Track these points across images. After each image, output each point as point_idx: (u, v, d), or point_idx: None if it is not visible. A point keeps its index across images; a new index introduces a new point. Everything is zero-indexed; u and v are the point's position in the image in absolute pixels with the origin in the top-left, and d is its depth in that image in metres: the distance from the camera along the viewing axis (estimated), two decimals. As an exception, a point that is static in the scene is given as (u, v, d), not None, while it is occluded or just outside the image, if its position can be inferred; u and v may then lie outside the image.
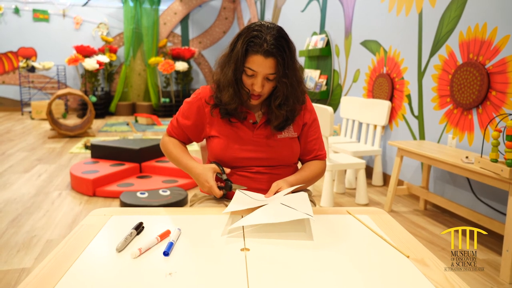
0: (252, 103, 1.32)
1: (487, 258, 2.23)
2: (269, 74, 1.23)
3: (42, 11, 8.51)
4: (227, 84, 1.28)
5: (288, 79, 1.25)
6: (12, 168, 3.98)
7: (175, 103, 8.57)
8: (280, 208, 1.08)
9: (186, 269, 0.84)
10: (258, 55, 1.20)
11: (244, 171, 1.33)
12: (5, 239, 2.38)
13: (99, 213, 1.15)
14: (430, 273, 0.85)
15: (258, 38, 1.20)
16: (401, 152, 2.87)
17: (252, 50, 1.21)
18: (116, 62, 8.88)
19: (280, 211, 1.06)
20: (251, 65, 1.22)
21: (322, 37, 4.79)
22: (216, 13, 9.36)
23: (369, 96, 3.93)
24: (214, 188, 1.21)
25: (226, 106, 1.31)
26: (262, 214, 1.06)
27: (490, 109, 2.51)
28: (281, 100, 1.29)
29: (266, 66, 1.21)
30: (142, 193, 2.91)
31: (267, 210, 1.09)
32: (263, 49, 1.19)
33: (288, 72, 1.24)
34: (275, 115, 1.31)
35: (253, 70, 1.23)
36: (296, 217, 1.00)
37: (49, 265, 0.85)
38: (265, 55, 1.20)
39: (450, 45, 2.83)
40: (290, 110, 1.32)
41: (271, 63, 1.21)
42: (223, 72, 1.30)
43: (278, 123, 1.32)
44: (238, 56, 1.23)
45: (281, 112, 1.30)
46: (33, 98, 8.49)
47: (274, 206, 1.11)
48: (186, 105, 1.40)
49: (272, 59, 1.21)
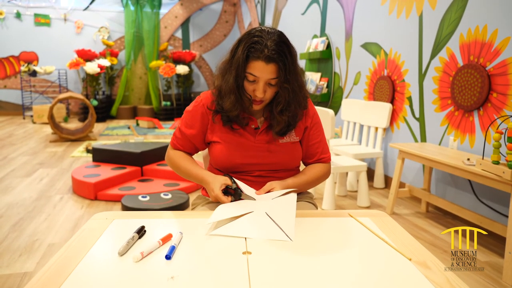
0: (254, 109, 1.32)
1: (489, 260, 2.22)
2: (271, 79, 1.23)
3: (43, 15, 8.54)
4: (228, 91, 1.27)
5: (289, 84, 1.25)
6: (14, 172, 3.99)
7: (176, 107, 8.59)
8: (264, 221, 1.09)
9: (188, 272, 0.84)
10: (259, 61, 1.20)
11: (245, 175, 1.33)
12: (7, 243, 2.38)
13: (101, 217, 1.15)
14: (432, 276, 0.84)
15: (259, 44, 1.20)
16: (402, 155, 2.87)
17: (253, 56, 1.20)
18: (117, 66, 8.90)
19: (262, 226, 1.07)
20: (252, 71, 1.22)
21: (322, 40, 4.80)
22: (217, 16, 9.38)
23: (370, 99, 3.93)
24: (220, 196, 1.19)
25: (228, 113, 1.30)
26: (244, 226, 1.07)
27: (491, 111, 2.51)
28: (283, 106, 1.28)
29: (267, 71, 1.21)
30: (143, 197, 2.91)
31: (250, 221, 1.09)
32: (264, 54, 1.19)
33: (289, 77, 1.23)
34: (276, 121, 1.31)
35: (255, 76, 1.22)
36: (276, 238, 1.01)
37: (51, 269, 0.85)
38: (266, 61, 1.19)
39: (451, 47, 2.84)
40: (292, 116, 1.31)
41: (272, 69, 1.21)
42: (224, 78, 1.29)
43: (280, 129, 1.32)
44: (239, 62, 1.22)
45: (283, 118, 1.30)
46: (34, 102, 8.51)
47: (257, 217, 1.10)
48: (188, 114, 1.38)
49: (273, 65, 1.20)
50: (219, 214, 1.10)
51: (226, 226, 1.06)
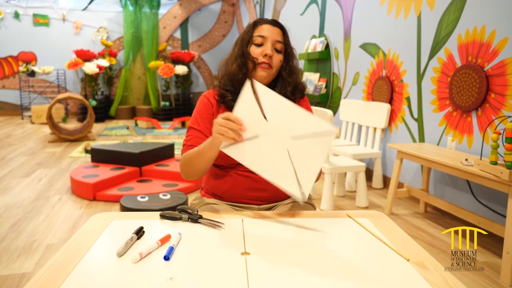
0: (259, 74, 1.32)
1: (487, 261, 2.23)
2: (277, 42, 1.33)
3: (42, 15, 8.53)
4: (234, 59, 1.35)
5: (291, 54, 1.37)
6: (12, 173, 3.98)
7: (175, 107, 8.59)
8: (281, 162, 0.96)
9: (187, 273, 0.85)
10: (266, 24, 1.34)
11: (245, 168, 1.33)
12: (6, 244, 2.38)
13: (100, 217, 1.15)
14: (430, 276, 0.85)
15: (262, 19, 1.37)
16: (400, 155, 2.88)
17: (260, 22, 1.35)
18: (116, 66, 8.90)
19: (278, 167, 0.96)
20: (260, 32, 1.33)
21: (321, 40, 4.81)
22: (216, 16, 9.38)
23: (368, 99, 3.94)
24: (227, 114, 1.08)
25: (233, 78, 1.33)
26: (258, 157, 0.98)
27: (489, 112, 2.52)
28: (290, 68, 1.36)
29: (274, 32, 1.33)
30: (142, 197, 2.91)
31: (266, 154, 0.97)
32: (269, 20, 1.36)
33: (290, 51, 1.36)
34: (287, 83, 1.37)
35: (263, 37, 1.32)
36: (287, 190, 0.94)
37: (50, 270, 0.85)
38: (273, 24, 1.34)
39: (449, 48, 2.84)
40: (297, 82, 1.38)
41: (278, 31, 1.34)
42: (228, 62, 1.38)
43: (291, 89, 1.38)
44: (246, 31, 1.36)
45: (293, 78, 1.36)
46: (33, 103, 8.50)
47: (276, 153, 0.98)
48: (194, 111, 1.40)
49: (278, 29, 1.34)
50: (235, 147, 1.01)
51: (238, 147, 0.96)
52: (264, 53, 1.30)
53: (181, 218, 1.13)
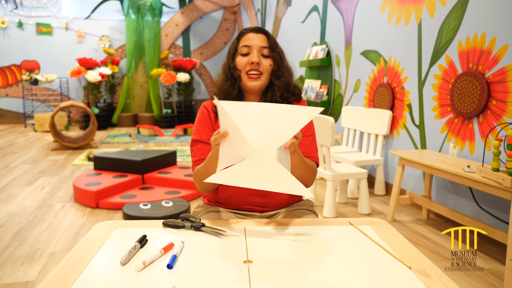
0: (250, 85, 1.34)
1: (490, 268, 2.22)
2: (263, 48, 1.35)
3: (45, 24, 8.60)
4: (222, 71, 1.40)
5: (279, 54, 1.37)
6: (15, 181, 4.00)
7: (177, 114, 8.61)
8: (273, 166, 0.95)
9: (190, 282, 0.85)
10: (250, 32, 1.37)
11: None
12: (9, 252, 2.38)
13: (103, 226, 1.16)
14: (432, 284, 0.85)
15: (245, 29, 1.41)
16: (402, 162, 2.88)
17: (243, 32, 1.39)
18: (118, 74, 8.94)
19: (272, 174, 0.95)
20: (244, 42, 1.36)
21: (322, 48, 4.83)
22: (217, 24, 9.44)
23: (370, 106, 3.95)
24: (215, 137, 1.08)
25: (221, 89, 1.36)
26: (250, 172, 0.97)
27: (490, 118, 2.52)
28: (279, 71, 1.36)
29: (258, 39, 1.35)
30: (145, 205, 2.92)
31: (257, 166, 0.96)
32: (252, 28, 1.39)
33: (277, 50, 1.37)
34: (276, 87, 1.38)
35: (247, 46, 1.34)
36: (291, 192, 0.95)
37: (54, 279, 0.86)
38: (256, 31, 1.37)
39: (450, 55, 2.86)
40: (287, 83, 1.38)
41: (262, 37, 1.36)
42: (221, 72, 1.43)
43: (280, 94, 1.38)
44: (233, 42, 1.39)
45: (282, 81, 1.36)
46: (36, 111, 8.54)
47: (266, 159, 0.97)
48: (197, 123, 1.41)
49: (262, 35, 1.37)
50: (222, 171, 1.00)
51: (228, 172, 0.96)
52: (251, 61, 1.33)
53: (184, 226, 1.13)
